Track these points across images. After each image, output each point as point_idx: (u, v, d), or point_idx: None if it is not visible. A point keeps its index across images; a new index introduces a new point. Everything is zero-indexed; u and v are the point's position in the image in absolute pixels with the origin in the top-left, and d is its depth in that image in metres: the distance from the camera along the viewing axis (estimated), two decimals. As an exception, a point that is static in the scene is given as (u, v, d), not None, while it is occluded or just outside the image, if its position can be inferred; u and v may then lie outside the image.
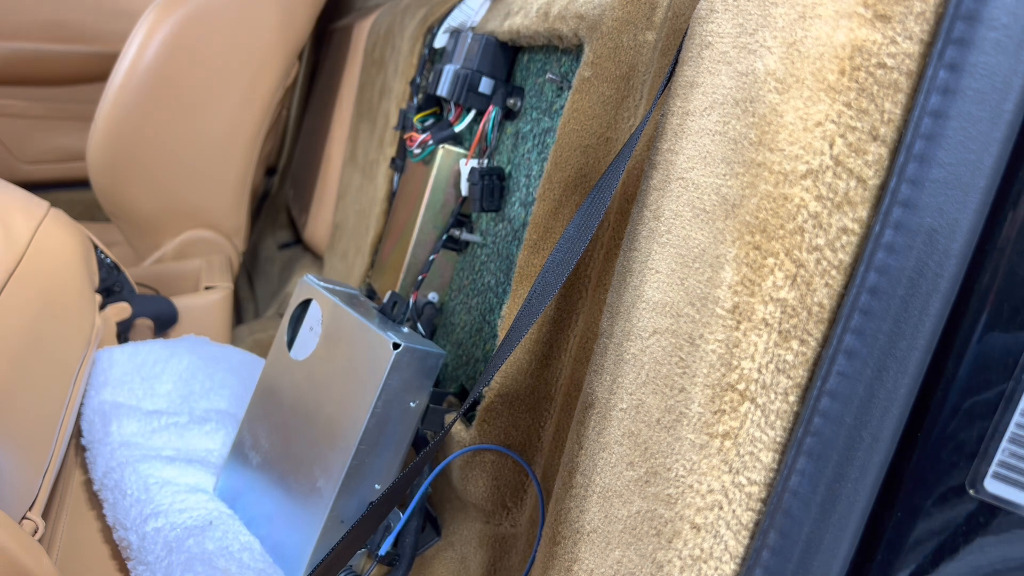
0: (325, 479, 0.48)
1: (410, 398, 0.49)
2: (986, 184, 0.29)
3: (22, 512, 0.53)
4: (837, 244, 0.31)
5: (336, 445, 0.48)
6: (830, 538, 0.30)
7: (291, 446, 0.52)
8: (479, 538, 0.52)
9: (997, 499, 0.30)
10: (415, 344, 0.48)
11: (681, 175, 0.33)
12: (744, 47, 0.32)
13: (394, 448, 0.50)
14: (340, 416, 0.49)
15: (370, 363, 0.48)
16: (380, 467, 0.49)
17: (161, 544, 0.51)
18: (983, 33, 0.28)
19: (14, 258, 0.65)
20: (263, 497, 0.53)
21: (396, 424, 0.49)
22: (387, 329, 0.49)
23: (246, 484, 0.55)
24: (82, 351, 0.68)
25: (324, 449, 0.49)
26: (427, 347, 0.49)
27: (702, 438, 0.32)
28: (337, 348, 0.51)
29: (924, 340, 0.29)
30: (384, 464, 0.50)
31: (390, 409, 0.48)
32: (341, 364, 0.50)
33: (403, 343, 0.46)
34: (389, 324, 0.51)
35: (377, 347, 0.47)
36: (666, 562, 0.32)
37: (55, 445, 0.58)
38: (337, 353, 0.51)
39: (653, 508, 0.32)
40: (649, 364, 0.33)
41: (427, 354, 0.49)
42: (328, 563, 0.35)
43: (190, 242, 1.40)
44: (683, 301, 0.33)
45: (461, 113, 0.62)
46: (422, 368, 0.49)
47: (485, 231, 0.59)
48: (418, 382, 0.49)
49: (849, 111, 0.30)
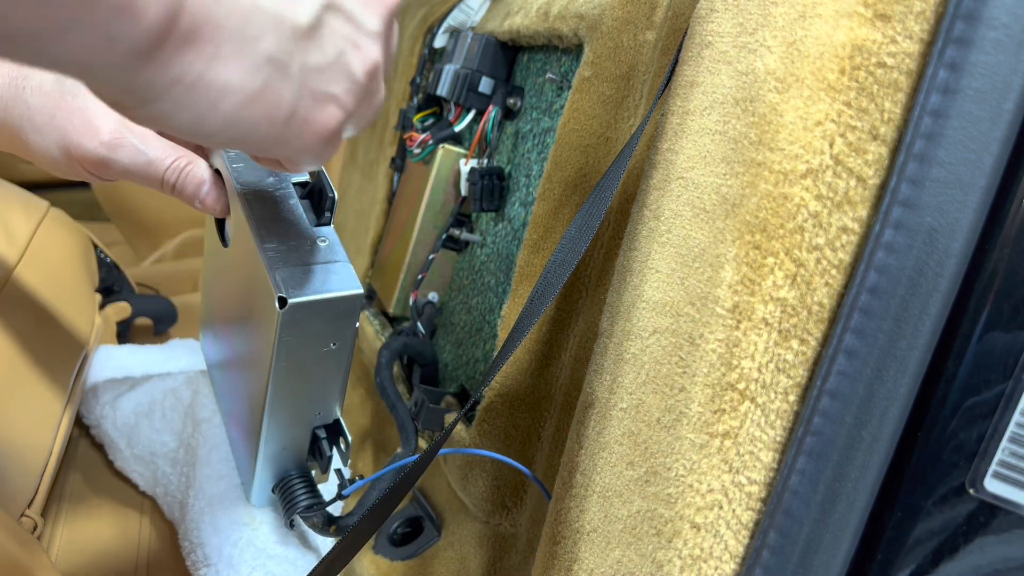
0: (255, 409, 0.42)
1: (326, 343, 0.40)
2: (986, 183, 0.29)
3: (21, 510, 0.53)
4: (837, 243, 0.31)
5: (255, 375, 0.42)
6: (830, 537, 0.30)
7: (231, 343, 0.46)
8: (479, 538, 0.52)
9: (997, 499, 0.30)
10: (312, 295, 0.37)
11: (681, 174, 0.33)
12: (744, 46, 0.32)
13: (324, 382, 0.43)
14: (253, 340, 0.42)
15: (263, 309, 0.38)
16: (314, 399, 0.43)
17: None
18: (983, 32, 0.28)
19: (14, 257, 0.65)
20: (225, 387, 0.49)
21: (316, 366, 0.41)
22: (284, 264, 0.38)
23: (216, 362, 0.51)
24: (82, 350, 0.68)
25: (250, 367, 0.43)
26: (332, 291, 0.38)
27: (702, 437, 0.32)
28: (243, 260, 0.41)
29: (924, 339, 0.29)
30: (318, 396, 0.43)
31: (300, 358, 0.40)
32: (247, 278, 0.41)
33: (291, 299, 0.36)
34: (296, 245, 0.39)
35: (266, 295, 0.38)
36: (666, 561, 0.32)
37: (54, 443, 0.58)
38: (244, 266, 0.42)
39: (653, 508, 0.32)
40: (649, 364, 0.33)
41: (332, 301, 0.38)
42: (328, 563, 0.35)
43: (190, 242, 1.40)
44: (683, 300, 0.33)
45: (461, 113, 0.62)
46: (333, 314, 0.39)
47: (485, 231, 0.59)
48: (332, 328, 0.40)
49: (849, 110, 0.30)
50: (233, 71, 0.25)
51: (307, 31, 0.26)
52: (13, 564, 0.42)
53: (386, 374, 0.56)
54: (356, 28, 0.29)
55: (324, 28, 0.27)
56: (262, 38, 0.25)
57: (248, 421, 0.44)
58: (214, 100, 0.25)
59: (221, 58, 0.24)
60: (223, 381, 0.49)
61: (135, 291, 0.93)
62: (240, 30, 0.24)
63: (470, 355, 0.57)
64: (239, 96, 0.25)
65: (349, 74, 0.29)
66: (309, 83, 0.27)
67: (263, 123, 0.27)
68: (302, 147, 0.29)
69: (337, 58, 0.28)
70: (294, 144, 0.29)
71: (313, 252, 0.39)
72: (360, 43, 0.29)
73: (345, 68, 0.28)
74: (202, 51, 0.23)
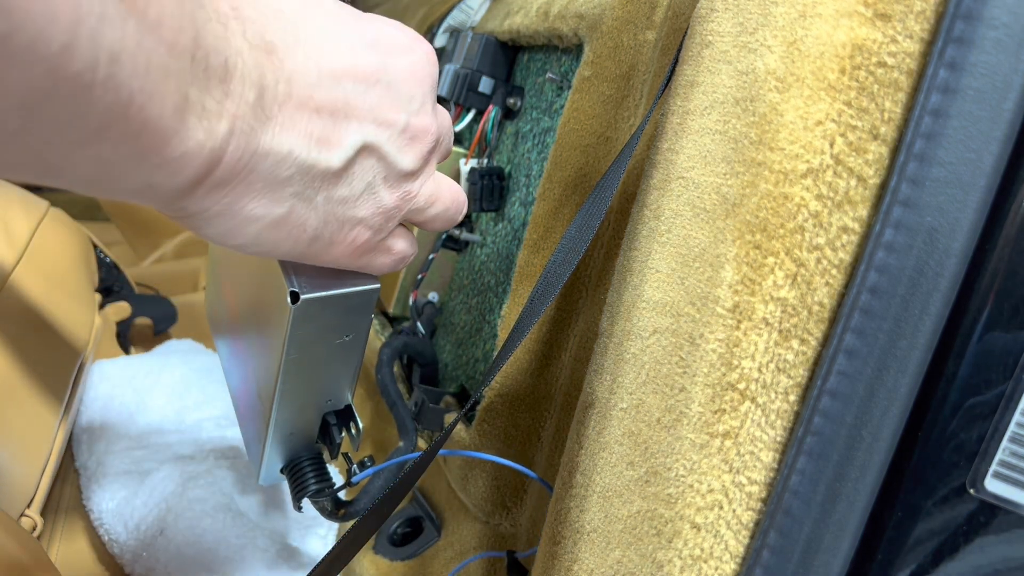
0: (265, 396, 0.41)
1: (339, 335, 0.39)
2: (986, 183, 0.29)
3: (21, 509, 0.53)
4: (837, 243, 0.31)
5: (265, 362, 0.41)
6: (830, 537, 0.30)
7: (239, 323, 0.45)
8: (479, 538, 0.52)
9: (998, 498, 0.30)
10: (326, 290, 0.36)
11: (681, 174, 0.33)
12: (744, 46, 0.32)
13: (337, 371, 0.41)
14: (263, 327, 0.40)
15: (275, 300, 0.37)
16: (325, 388, 0.42)
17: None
18: (983, 32, 0.28)
19: (14, 257, 0.65)
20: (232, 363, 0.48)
21: (328, 357, 0.40)
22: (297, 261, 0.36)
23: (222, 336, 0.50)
24: (81, 350, 0.68)
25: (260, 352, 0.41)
26: (346, 286, 0.36)
27: (702, 437, 0.32)
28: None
29: (924, 339, 0.29)
30: (330, 384, 0.42)
31: (312, 350, 0.39)
32: (258, 263, 0.39)
33: (304, 295, 0.35)
34: None
35: (278, 286, 0.36)
36: (666, 562, 0.32)
37: (54, 442, 0.58)
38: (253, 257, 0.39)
39: (653, 508, 0.32)
40: (649, 364, 0.33)
41: (347, 296, 0.36)
42: (328, 563, 0.35)
43: (190, 242, 1.40)
44: (683, 300, 0.33)
45: (461, 113, 0.62)
46: (346, 309, 0.37)
47: (485, 231, 0.59)
48: (346, 322, 0.38)
49: (849, 110, 0.30)
50: (260, 205, 0.26)
51: (336, 172, 0.27)
52: (13, 564, 0.42)
53: (386, 371, 0.56)
54: (389, 169, 0.29)
55: (355, 167, 0.28)
56: (291, 182, 0.26)
57: (257, 404, 0.44)
58: (240, 224, 0.26)
59: (249, 195, 0.25)
60: (230, 356, 0.49)
61: (135, 291, 0.93)
62: (271, 174, 0.25)
63: (470, 355, 0.57)
64: (264, 222, 0.26)
65: (377, 204, 0.29)
66: (334, 212, 0.28)
67: (288, 242, 0.28)
68: (332, 261, 0.31)
69: (364, 191, 0.29)
70: (323, 259, 0.30)
71: None
72: (392, 181, 0.30)
73: (373, 197, 0.29)
74: (233, 190, 0.25)
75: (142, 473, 0.61)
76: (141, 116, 0.20)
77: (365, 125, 0.27)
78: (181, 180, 0.23)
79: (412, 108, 0.29)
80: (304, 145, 0.25)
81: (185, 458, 0.62)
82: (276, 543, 0.59)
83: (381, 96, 0.28)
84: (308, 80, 0.25)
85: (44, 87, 0.17)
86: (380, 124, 0.28)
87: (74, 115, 0.19)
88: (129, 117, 0.19)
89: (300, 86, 0.25)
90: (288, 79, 0.25)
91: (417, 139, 0.30)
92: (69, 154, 0.20)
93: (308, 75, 0.25)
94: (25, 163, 0.20)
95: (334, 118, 0.26)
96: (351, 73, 0.27)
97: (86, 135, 0.19)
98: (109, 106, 0.19)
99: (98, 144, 0.20)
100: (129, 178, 0.22)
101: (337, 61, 0.26)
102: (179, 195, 0.23)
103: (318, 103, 0.26)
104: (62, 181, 0.21)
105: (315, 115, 0.26)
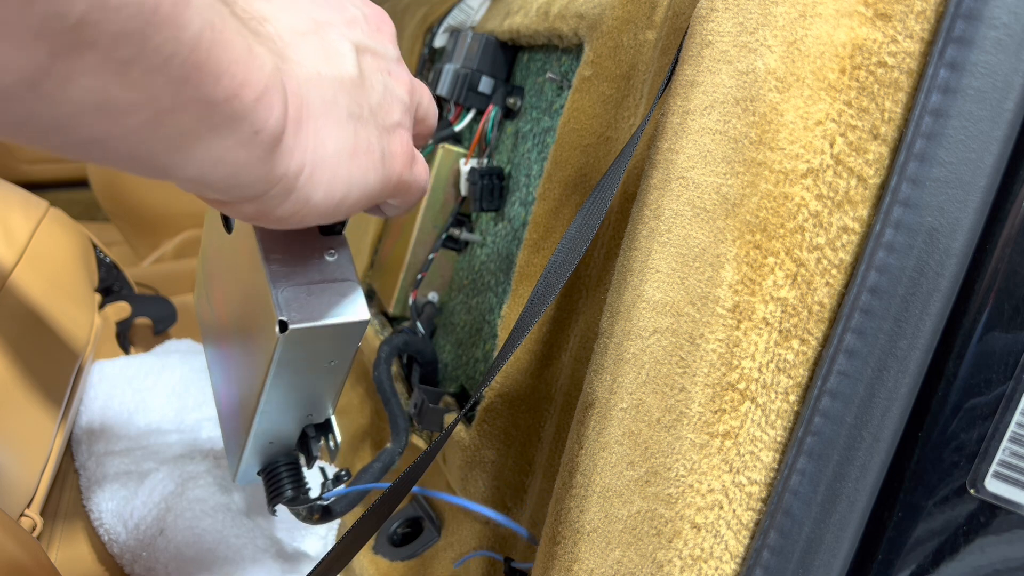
0: (246, 405, 0.40)
1: (325, 361, 0.38)
2: (987, 183, 0.29)
3: (20, 509, 0.53)
4: (838, 243, 0.31)
5: (248, 374, 0.40)
6: (831, 538, 0.30)
7: (226, 329, 0.45)
8: (479, 538, 0.52)
9: (998, 499, 0.30)
10: (315, 320, 0.34)
11: (681, 174, 0.33)
12: (744, 46, 0.32)
13: (320, 390, 0.41)
14: (249, 342, 0.39)
15: (262, 321, 0.36)
16: (307, 404, 0.41)
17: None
18: (984, 32, 0.28)
19: (13, 257, 0.65)
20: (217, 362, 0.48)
21: (313, 379, 0.39)
22: (288, 281, 0.35)
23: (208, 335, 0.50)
24: (81, 350, 0.68)
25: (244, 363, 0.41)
26: (336, 318, 0.35)
27: (702, 437, 0.32)
28: (246, 255, 0.38)
29: (925, 339, 0.29)
30: (312, 401, 0.41)
31: (296, 373, 0.38)
32: (248, 275, 0.38)
33: (292, 324, 0.33)
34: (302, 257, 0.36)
35: (266, 307, 0.35)
36: (666, 562, 0.32)
37: (53, 442, 0.58)
38: (246, 259, 0.38)
39: (653, 508, 0.32)
40: (649, 363, 0.33)
41: (336, 327, 0.35)
42: (328, 563, 0.35)
43: (190, 242, 1.40)
44: (683, 300, 0.32)
45: (461, 112, 0.62)
46: (334, 339, 0.36)
47: (485, 231, 0.59)
48: (333, 349, 0.37)
49: (850, 110, 0.30)
50: (332, 135, 0.27)
51: (358, 79, 0.29)
52: (13, 564, 0.42)
53: (384, 369, 0.56)
54: (383, 59, 0.32)
55: (366, 70, 0.30)
56: (337, 100, 0.28)
57: (238, 411, 0.44)
58: (333, 168, 0.28)
59: (323, 128, 0.27)
60: (216, 357, 0.49)
61: (135, 291, 0.93)
62: (322, 98, 0.27)
63: (470, 355, 0.57)
64: (345, 154, 0.28)
65: (398, 99, 0.32)
66: (379, 121, 0.30)
67: (371, 170, 0.30)
68: (396, 178, 0.32)
69: (384, 91, 0.31)
70: (392, 179, 0.32)
71: (320, 268, 0.36)
72: (391, 70, 0.32)
73: (393, 95, 0.32)
74: (310, 127, 0.26)
75: (142, 473, 0.61)
76: (218, 49, 0.21)
77: (339, 28, 0.30)
78: (273, 121, 0.24)
79: (355, 2, 0.32)
80: (322, 62, 0.28)
81: (185, 458, 0.62)
82: (276, 543, 0.59)
83: (329, 3, 0.31)
84: (284, 18, 0.28)
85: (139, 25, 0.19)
86: (347, 24, 0.31)
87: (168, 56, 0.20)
88: (212, 53, 0.21)
89: (282, 24, 0.27)
90: (267, 19, 0.27)
91: (382, 27, 0.33)
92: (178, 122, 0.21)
93: (280, 15, 0.28)
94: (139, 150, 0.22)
95: (318, 34, 0.29)
96: (300, 2, 0.30)
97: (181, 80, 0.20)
98: (195, 35, 0.20)
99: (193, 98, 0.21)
100: (233, 134, 0.23)
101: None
102: (276, 141, 0.24)
103: (301, 29, 0.28)
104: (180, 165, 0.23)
105: (306, 38, 0.28)
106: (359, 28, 0.31)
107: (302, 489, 0.46)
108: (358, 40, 0.30)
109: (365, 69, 0.30)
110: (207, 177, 0.24)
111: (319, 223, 0.30)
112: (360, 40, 0.31)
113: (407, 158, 0.32)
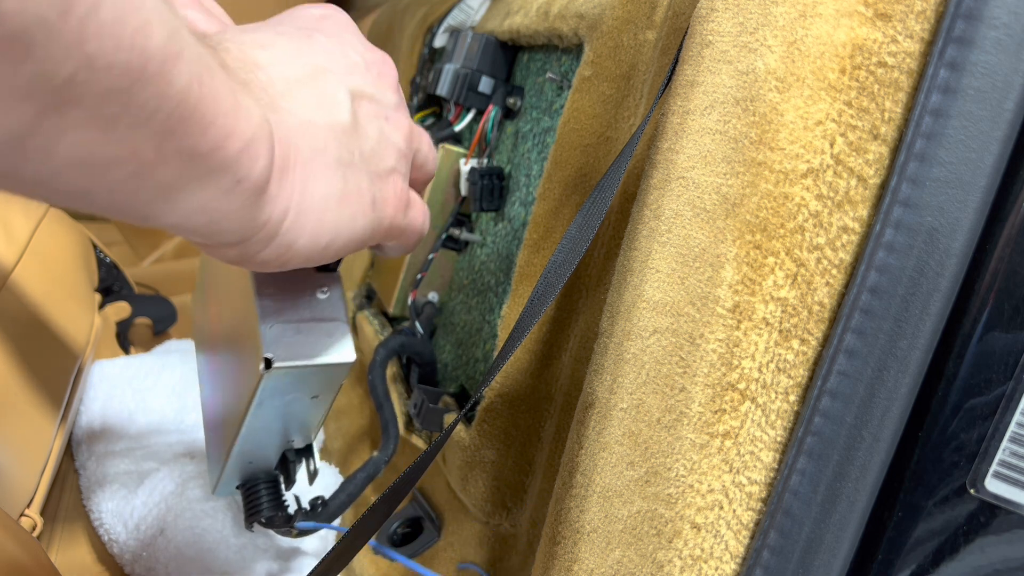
0: (229, 424, 0.41)
1: (307, 395, 0.38)
2: (987, 183, 0.29)
3: (20, 509, 0.53)
4: (838, 243, 0.31)
5: (232, 397, 0.40)
6: (831, 538, 0.30)
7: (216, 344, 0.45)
8: (479, 538, 0.52)
9: (998, 499, 0.30)
10: (300, 360, 0.34)
11: (681, 174, 0.33)
12: (745, 46, 0.32)
13: (302, 421, 0.41)
14: (235, 366, 0.39)
15: (249, 351, 0.35)
16: (290, 431, 0.42)
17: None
18: (984, 32, 0.28)
19: (13, 257, 0.65)
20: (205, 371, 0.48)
21: (296, 410, 0.39)
22: (277, 317, 0.35)
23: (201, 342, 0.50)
24: (81, 350, 0.68)
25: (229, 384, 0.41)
26: (321, 359, 0.35)
27: (702, 437, 0.32)
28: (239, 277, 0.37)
29: (925, 339, 0.29)
30: (294, 428, 0.42)
31: (279, 405, 0.38)
32: (240, 300, 0.38)
33: (277, 362, 0.33)
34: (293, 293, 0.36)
35: (254, 339, 0.35)
36: (666, 562, 0.32)
37: (53, 442, 0.58)
38: (238, 283, 0.37)
39: (653, 508, 0.32)
40: (649, 364, 0.33)
41: (320, 368, 0.35)
42: (328, 563, 0.35)
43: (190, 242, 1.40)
44: (683, 300, 0.32)
45: (461, 112, 0.62)
46: (318, 377, 0.37)
47: (485, 231, 0.59)
48: (316, 385, 0.38)
49: (850, 110, 0.30)
50: (320, 181, 0.28)
51: (351, 126, 0.30)
52: (13, 564, 0.42)
53: (378, 372, 0.56)
54: (381, 105, 0.32)
55: (361, 117, 0.30)
56: (327, 147, 0.28)
57: (221, 426, 0.44)
58: (319, 213, 0.28)
59: (311, 175, 0.27)
60: (206, 365, 0.49)
61: (135, 291, 0.93)
62: (312, 147, 0.27)
63: (470, 355, 0.57)
64: (333, 199, 0.28)
65: (394, 145, 0.32)
66: (371, 167, 0.31)
67: (359, 215, 0.30)
68: (389, 222, 0.32)
69: (379, 137, 0.31)
70: (384, 224, 0.32)
71: (311, 305, 0.36)
72: (389, 116, 0.33)
73: (388, 142, 0.32)
74: (296, 173, 0.26)
75: (142, 473, 0.60)
76: (204, 102, 0.21)
77: (338, 75, 0.30)
78: (258, 170, 0.24)
79: (358, 49, 0.32)
80: (313, 109, 0.28)
81: (185, 458, 0.62)
82: (276, 543, 0.59)
83: (330, 49, 0.31)
84: (279, 66, 0.28)
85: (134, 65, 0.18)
86: (347, 70, 0.31)
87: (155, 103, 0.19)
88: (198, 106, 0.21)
89: (276, 72, 0.28)
90: (261, 68, 0.27)
91: (383, 73, 0.33)
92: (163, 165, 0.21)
93: (276, 63, 0.28)
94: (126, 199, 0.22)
95: (314, 81, 0.29)
96: (300, 48, 0.30)
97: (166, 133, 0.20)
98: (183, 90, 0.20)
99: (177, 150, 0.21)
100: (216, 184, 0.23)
101: (288, 45, 0.30)
102: (260, 190, 0.25)
103: (297, 76, 0.28)
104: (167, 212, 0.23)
105: (301, 85, 0.28)
106: (358, 74, 0.31)
107: (280, 509, 0.46)
108: (356, 86, 0.31)
109: (360, 116, 0.30)
110: (188, 223, 0.24)
111: (305, 266, 0.30)
112: (358, 86, 0.31)
113: (400, 203, 0.33)
